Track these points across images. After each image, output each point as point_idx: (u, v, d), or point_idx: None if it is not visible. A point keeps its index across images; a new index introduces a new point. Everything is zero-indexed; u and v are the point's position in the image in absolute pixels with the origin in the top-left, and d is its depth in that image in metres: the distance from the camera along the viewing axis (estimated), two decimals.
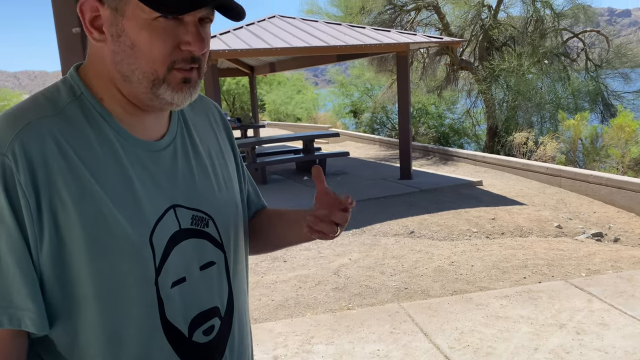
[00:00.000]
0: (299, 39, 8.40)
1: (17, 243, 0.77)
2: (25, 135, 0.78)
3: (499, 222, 6.31)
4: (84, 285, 0.81)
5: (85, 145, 0.82)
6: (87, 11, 0.82)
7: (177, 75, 0.82)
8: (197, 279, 0.91)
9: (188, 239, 0.90)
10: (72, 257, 0.79)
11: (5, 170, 0.76)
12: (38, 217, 0.78)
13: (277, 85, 28.01)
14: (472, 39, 14.01)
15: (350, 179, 9.22)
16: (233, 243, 0.99)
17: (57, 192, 0.78)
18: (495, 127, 13.10)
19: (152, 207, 0.86)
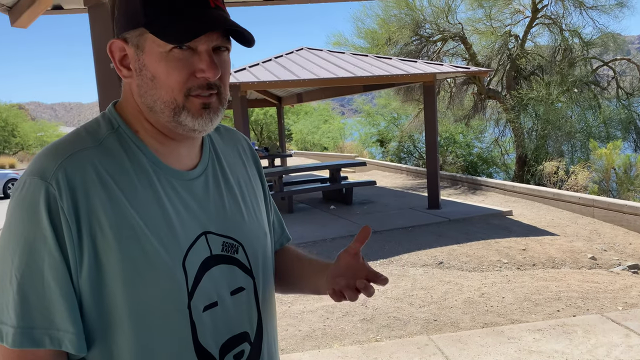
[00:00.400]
0: (326, 70, 8.53)
1: (59, 267, 0.81)
2: (68, 165, 0.83)
3: (530, 253, 6.17)
4: (120, 308, 0.84)
5: (123, 174, 0.87)
6: (116, 51, 0.90)
7: (196, 101, 0.87)
8: (228, 304, 0.93)
9: (219, 264, 0.93)
10: (109, 280, 0.83)
11: (49, 197, 0.81)
12: (79, 242, 0.82)
13: (304, 115, 28.34)
14: (500, 69, 13.99)
15: (377, 207, 9.18)
16: (262, 270, 1.02)
17: (96, 218, 0.82)
18: (525, 156, 12.94)
19: (185, 233, 0.89)
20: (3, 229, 0.84)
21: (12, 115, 36.03)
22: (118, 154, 0.88)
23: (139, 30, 0.86)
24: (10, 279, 0.81)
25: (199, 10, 0.85)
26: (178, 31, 0.83)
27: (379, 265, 5.90)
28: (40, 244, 0.81)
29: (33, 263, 0.81)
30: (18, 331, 0.80)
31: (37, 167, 0.84)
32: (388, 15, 14.56)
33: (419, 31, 14.22)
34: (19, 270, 0.81)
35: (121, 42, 0.89)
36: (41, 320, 0.81)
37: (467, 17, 14.31)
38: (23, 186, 0.83)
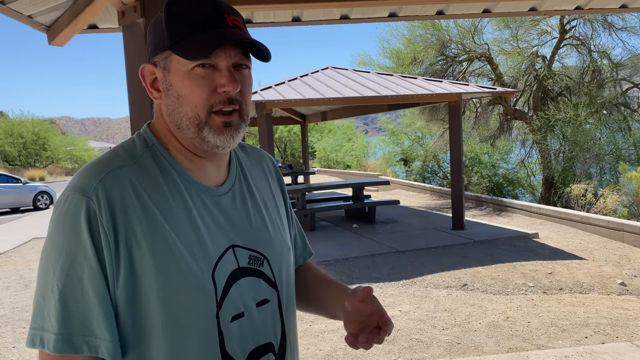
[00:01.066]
0: (351, 89, 8.58)
1: (97, 277, 0.86)
2: (107, 182, 0.89)
3: (556, 276, 6.04)
4: (153, 317, 0.88)
5: (157, 190, 0.92)
6: (147, 75, 0.97)
7: (217, 119, 0.92)
8: (254, 315, 0.97)
9: (245, 276, 0.97)
10: (144, 290, 0.87)
11: (89, 211, 0.86)
12: (116, 254, 0.86)
13: (327, 132, 28.45)
14: (526, 89, 13.87)
15: (401, 227, 9.12)
16: (285, 283, 1.06)
17: (133, 231, 0.88)
18: (552, 177, 12.73)
19: (214, 246, 0.94)
20: (46, 240, 0.89)
21: (44, 129, 37.03)
22: (152, 171, 0.94)
23: (165, 53, 0.93)
24: (52, 289, 0.86)
25: (218, 30, 0.91)
26: (197, 47, 0.89)
27: (401, 285, 5.84)
28: (81, 256, 0.85)
29: (74, 273, 0.85)
30: (59, 338, 0.84)
31: (79, 183, 0.89)
32: (414, 35, 14.61)
33: (445, 51, 14.22)
34: (61, 280, 0.85)
35: (151, 66, 0.96)
36: (80, 327, 0.85)
37: (493, 38, 14.31)
38: (65, 201, 0.88)
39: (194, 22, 0.91)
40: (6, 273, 7.42)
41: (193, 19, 0.91)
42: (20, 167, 34.18)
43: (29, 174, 29.49)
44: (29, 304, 5.80)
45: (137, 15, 2.46)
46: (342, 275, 6.26)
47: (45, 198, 16.91)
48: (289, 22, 3.66)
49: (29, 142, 35.66)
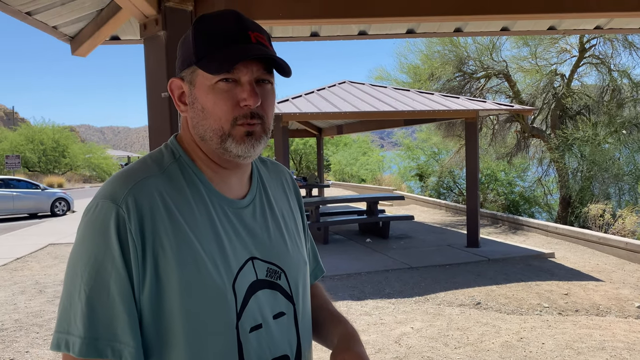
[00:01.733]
0: (368, 103, 8.60)
1: (124, 283, 0.88)
2: (137, 191, 0.92)
3: (572, 298, 5.94)
4: (175, 324, 0.89)
5: (183, 200, 0.95)
6: (175, 89, 1.01)
7: (240, 129, 0.95)
8: (271, 327, 0.98)
9: (263, 289, 0.99)
10: (168, 298, 0.89)
11: (119, 219, 0.88)
12: (142, 261, 0.89)
13: (343, 146, 28.48)
14: (544, 107, 13.78)
15: (415, 243, 9.06)
16: (301, 296, 1.07)
17: (159, 239, 0.90)
18: (569, 197, 12.58)
19: (235, 257, 0.96)
20: (74, 245, 0.91)
21: (64, 137, 37.59)
22: (179, 181, 0.97)
23: (191, 68, 0.97)
24: (80, 293, 0.87)
25: (241, 46, 0.94)
26: (219, 62, 0.92)
27: (414, 302, 5.79)
28: (108, 262, 0.87)
29: (101, 279, 0.87)
30: (85, 342, 0.85)
31: (109, 191, 0.92)
32: (431, 51, 14.63)
33: (462, 67, 14.21)
34: (88, 284, 0.87)
35: (179, 81, 1.00)
36: (105, 332, 0.86)
37: (511, 55, 14.28)
38: (96, 208, 0.91)
39: (218, 38, 0.94)
40: (22, 278, 7.51)
41: (218, 36, 0.95)
42: (40, 173, 34.71)
43: (48, 181, 29.93)
44: (44, 309, 5.86)
45: (159, 28, 2.51)
46: (354, 290, 6.23)
47: (63, 204, 17.13)
48: (307, 37, 3.70)
49: (49, 149, 36.22)
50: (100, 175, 38.91)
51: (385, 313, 5.39)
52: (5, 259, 8.90)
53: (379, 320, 5.19)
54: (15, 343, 4.81)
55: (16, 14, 2.77)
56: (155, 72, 2.56)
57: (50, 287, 6.89)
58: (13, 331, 5.14)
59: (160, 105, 2.55)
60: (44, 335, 5.01)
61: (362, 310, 5.50)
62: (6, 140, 36.40)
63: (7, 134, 39.36)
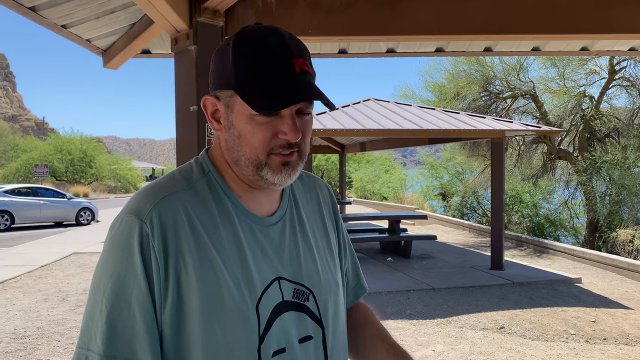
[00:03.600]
0: (392, 121, 8.58)
1: (145, 301, 0.86)
2: (162, 206, 0.89)
3: (600, 325, 5.76)
4: (195, 345, 0.86)
5: (209, 217, 0.92)
6: (209, 105, 0.97)
7: (276, 159, 0.92)
8: (296, 352, 0.93)
9: (289, 311, 0.94)
10: (188, 317, 0.86)
11: (142, 235, 0.86)
12: (165, 279, 0.86)
13: (365, 163, 28.44)
14: (572, 129, 13.56)
15: (437, 264, 8.93)
16: (332, 320, 1.01)
17: (182, 257, 0.87)
18: (596, 221, 12.29)
19: (260, 277, 0.92)
20: (99, 260, 0.90)
21: (91, 147, 38.36)
22: (206, 197, 0.94)
23: (229, 91, 0.92)
24: (101, 309, 0.86)
25: (286, 80, 0.89)
26: (265, 102, 0.88)
27: (436, 324, 5.68)
28: (131, 278, 0.86)
29: (122, 295, 0.85)
30: (103, 359, 0.84)
31: (135, 206, 0.90)
32: (457, 70, 14.58)
33: (489, 87, 14.11)
34: (110, 301, 0.85)
35: (213, 99, 0.96)
36: (124, 350, 0.84)
37: (539, 76, 14.10)
38: (121, 223, 0.89)
39: (263, 70, 0.89)
40: (46, 285, 7.61)
41: (261, 63, 0.89)
42: (67, 183, 35.40)
43: (74, 190, 30.50)
44: (66, 318, 5.91)
45: (189, 42, 2.54)
46: (375, 309, 6.14)
47: (88, 214, 17.40)
48: (335, 54, 3.71)
49: (76, 159, 36.97)
50: (125, 186, 39.52)
51: (406, 334, 5.30)
52: (30, 266, 9.05)
53: (399, 341, 5.09)
54: (37, 350, 4.85)
55: (52, 27, 2.84)
56: (185, 85, 2.59)
57: (72, 296, 6.95)
58: (35, 338, 5.19)
59: (188, 119, 2.56)
60: (64, 343, 5.05)
61: None
62: (36, 150, 37.30)
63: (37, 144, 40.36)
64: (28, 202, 16.23)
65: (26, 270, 8.65)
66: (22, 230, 15.71)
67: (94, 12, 2.82)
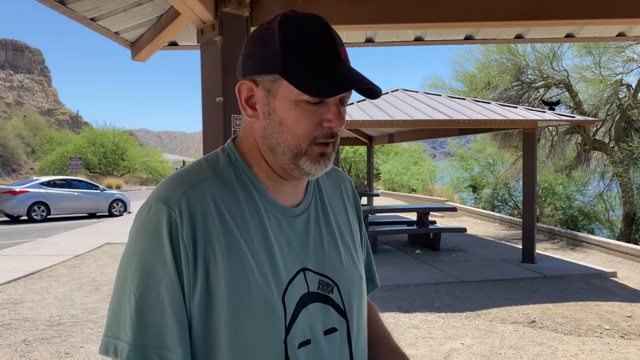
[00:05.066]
0: (421, 111, 8.46)
1: (175, 290, 0.85)
2: (190, 194, 0.88)
3: (636, 321, 5.59)
4: (222, 335, 0.86)
5: (236, 206, 0.91)
6: (244, 91, 0.93)
7: (316, 149, 0.91)
8: (321, 344, 0.92)
9: (314, 302, 0.93)
10: (216, 306, 0.85)
11: (171, 223, 0.85)
12: (194, 268, 0.85)
13: (393, 155, 28.23)
14: (608, 119, 13.15)
15: (467, 256, 8.81)
16: (356, 312, 1.00)
17: (211, 245, 0.86)
18: (633, 213, 11.92)
19: (286, 268, 0.91)
20: (126, 247, 0.89)
21: (123, 140, 39.14)
22: (233, 187, 0.93)
23: (273, 76, 0.89)
24: (129, 297, 0.85)
25: (338, 66, 0.88)
26: (321, 88, 0.85)
27: (464, 318, 5.60)
28: (160, 267, 0.85)
29: (151, 284, 0.85)
30: (133, 348, 0.83)
31: (163, 194, 0.88)
32: (488, 59, 14.28)
33: (521, 77, 13.78)
34: (138, 289, 0.85)
35: (251, 84, 0.92)
36: (153, 339, 0.84)
37: (573, 64, 13.72)
38: (149, 210, 0.88)
39: (315, 54, 0.87)
40: (80, 275, 7.80)
41: (313, 49, 0.87)
42: (100, 175, 36.23)
43: (107, 182, 31.20)
44: (99, 306, 6.06)
45: (215, 33, 2.54)
46: (403, 302, 6.10)
47: (120, 205, 17.78)
48: (362, 42, 3.66)
49: (109, 152, 37.79)
50: (156, 178, 40.22)
51: (434, 327, 5.25)
52: (64, 256, 9.30)
53: (427, 334, 5.05)
54: (71, 338, 4.98)
55: (81, 19, 2.88)
56: (211, 76, 2.59)
57: (105, 285, 7.12)
58: (69, 326, 5.33)
59: (214, 110, 2.57)
60: (97, 331, 5.17)
61: (411, 323, 5.37)
62: (70, 143, 38.28)
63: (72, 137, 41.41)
64: (63, 193, 16.66)
65: (61, 260, 8.89)
66: (58, 221, 16.15)
67: (121, 4, 2.84)
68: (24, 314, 5.77)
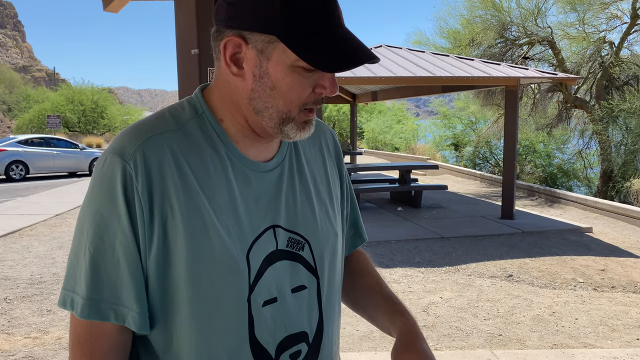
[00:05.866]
0: (404, 68, 8.38)
1: (129, 245, 0.82)
2: (147, 147, 0.84)
3: (609, 274, 5.76)
4: (181, 293, 0.84)
5: (198, 160, 0.86)
6: (231, 48, 0.85)
7: (303, 116, 0.87)
8: (288, 301, 0.91)
9: (282, 260, 0.91)
10: (175, 264, 0.83)
11: (126, 177, 0.82)
12: (150, 223, 0.82)
13: (377, 114, 28.14)
14: (590, 77, 13.19)
15: (447, 213, 8.93)
16: (328, 270, 0.98)
17: (168, 201, 0.83)
18: (610, 171, 12.13)
19: (252, 224, 0.88)
20: (84, 201, 0.87)
21: (102, 98, 38.28)
22: (197, 139, 0.88)
23: (268, 37, 0.81)
24: (85, 252, 0.83)
25: (338, 31, 0.83)
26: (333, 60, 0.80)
27: (444, 272, 5.72)
28: (114, 221, 0.82)
29: (106, 238, 0.82)
30: (87, 303, 0.82)
31: (119, 146, 0.84)
32: (473, 15, 14.10)
33: (505, 33, 13.67)
34: (93, 244, 0.83)
35: (239, 40, 0.83)
36: (108, 294, 0.82)
37: (557, 21, 13.62)
38: (104, 163, 0.84)
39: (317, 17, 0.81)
40: (60, 234, 7.76)
41: (315, 11, 0.81)
42: (79, 134, 35.58)
43: (87, 141, 30.68)
44: None
45: None
46: (383, 257, 6.19)
47: None
48: None
49: (88, 110, 36.98)
50: None
51: (414, 282, 5.35)
52: (45, 215, 9.21)
53: (407, 288, 5.16)
54: (53, 295, 4.98)
55: None
56: (185, 28, 2.50)
57: None
58: (51, 284, 5.33)
59: (189, 63, 2.49)
60: None
61: (391, 278, 5.47)
62: (48, 101, 37.34)
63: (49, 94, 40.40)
64: (41, 152, 16.37)
65: (41, 219, 8.81)
66: (37, 180, 15.94)
67: None
68: (4, 272, 5.75)
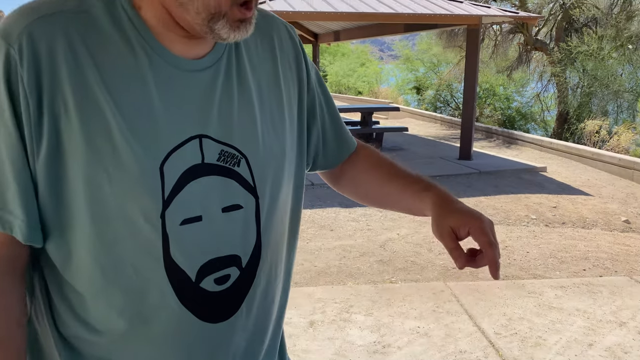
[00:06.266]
0: (366, 4, 8.14)
1: (14, 143, 0.69)
2: (36, 28, 0.69)
3: (560, 211, 5.94)
4: (79, 202, 0.72)
5: (103, 50, 0.72)
6: None
7: (237, 13, 0.72)
8: (217, 221, 0.79)
9: (211, 175, 0.78)
10: (70, 171, 0.71)
11: (9, 62, 0.68)
12: (38, 120, 0.69)
13: (340, 56, 27.68)
14: (550, 18, 13.20)
15: (407, 155, 8.97)
16: (270, 190, 0.85)
17: (61, 95, 0.69)
18: (566, 113, 12.39)
19: (171, 132, 0.74)
20: None
21: None
22: (104, 27, 0.73)
23: None
24: None
25: None
26: None
27: None
28: None
29: None
30: None
31: (4, 26, 0.70)
32: None
33: None
34: None
35: None
36: None
37: None
38: None
39: None
40: None
41: None
42: None
43: None
44: None
45: None
46: (343, 198, 6.12)
47: None
48: None
49: None
50: None
51: (372, 220, 5.39)
52: None
53: (365, 226, 5.19)
54: None
55: None
56: None
57: None
58: None
59: None
60: None
61: (350, 217, 5.49)
62: None
63: None
64: None
65: None
66: None
67: None
68: None
